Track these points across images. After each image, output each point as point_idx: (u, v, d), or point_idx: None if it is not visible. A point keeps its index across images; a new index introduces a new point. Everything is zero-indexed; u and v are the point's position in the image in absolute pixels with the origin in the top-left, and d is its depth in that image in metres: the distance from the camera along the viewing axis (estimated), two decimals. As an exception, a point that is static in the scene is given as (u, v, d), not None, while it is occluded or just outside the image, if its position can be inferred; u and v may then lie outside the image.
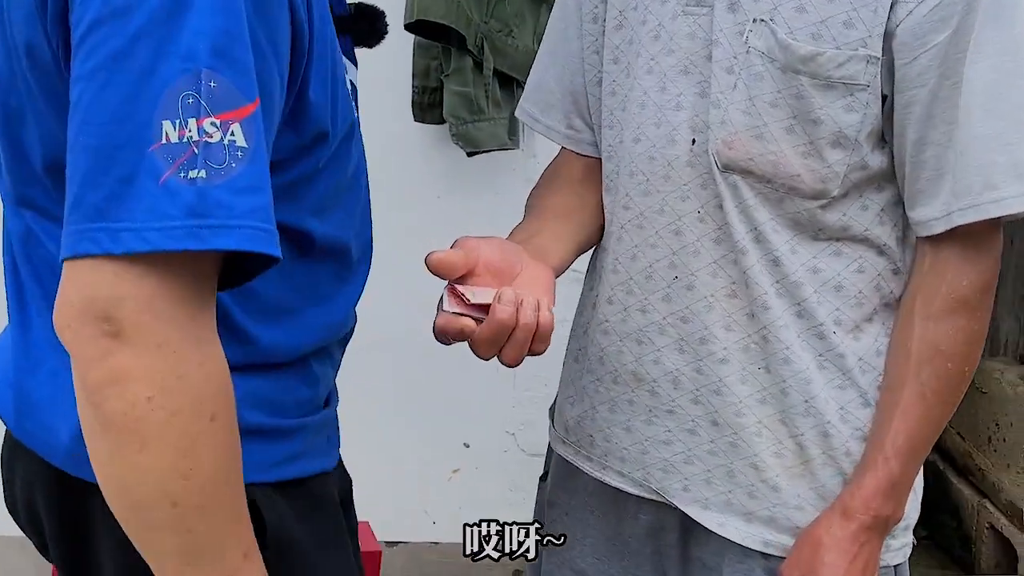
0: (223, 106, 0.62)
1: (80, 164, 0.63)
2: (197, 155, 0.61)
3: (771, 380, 1.01)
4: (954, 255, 0.97)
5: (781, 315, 1.00)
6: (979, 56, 0.90)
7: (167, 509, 0.65)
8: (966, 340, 0.99)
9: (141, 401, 0.62)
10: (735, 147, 0.97)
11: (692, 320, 1.03)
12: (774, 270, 1.00)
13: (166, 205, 0.61)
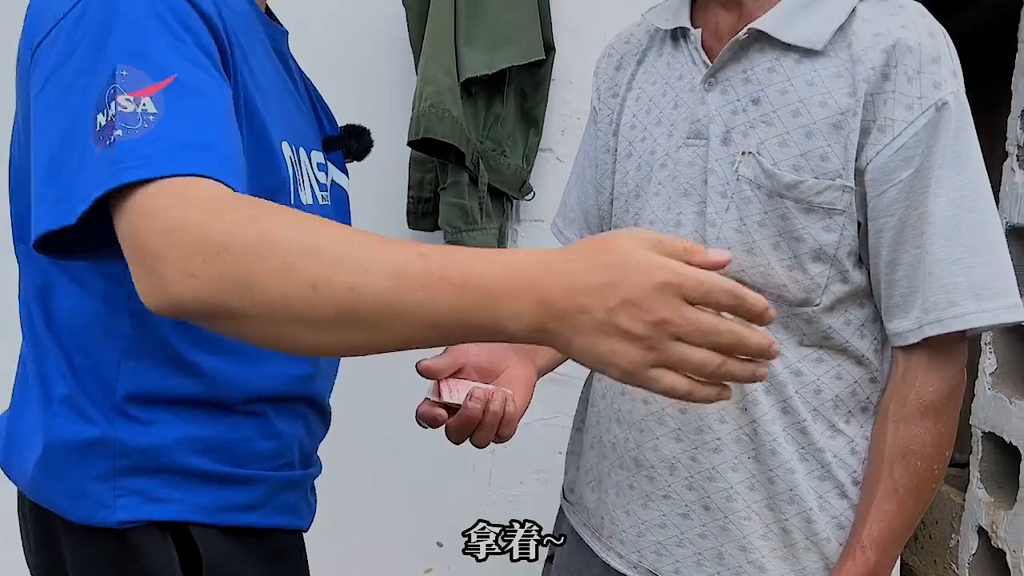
0: (133, 86, 0.74)
1: (40, 174, 0.76)
2: (115, 123, 0.73)
3: (759, 469, 1.08)
4: (923, 364, 1.06)
5: (768, 410, 1.08)
6: (940, 191, 1.00)
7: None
8: (934, 441, 1.06)
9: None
10: (730, 261, 1.07)
11: (689, 412, 1.10)
12: None
13: (96, 167, 0.72)
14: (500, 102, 1.96)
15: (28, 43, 0.84)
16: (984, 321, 1.01)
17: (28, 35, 0.85)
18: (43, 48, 0.81)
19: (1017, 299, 1.02)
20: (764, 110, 1.05)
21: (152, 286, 0.68)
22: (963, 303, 1.01)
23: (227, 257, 0.66)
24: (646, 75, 1.20)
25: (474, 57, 1.88)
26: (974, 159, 1.02)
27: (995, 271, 1.01)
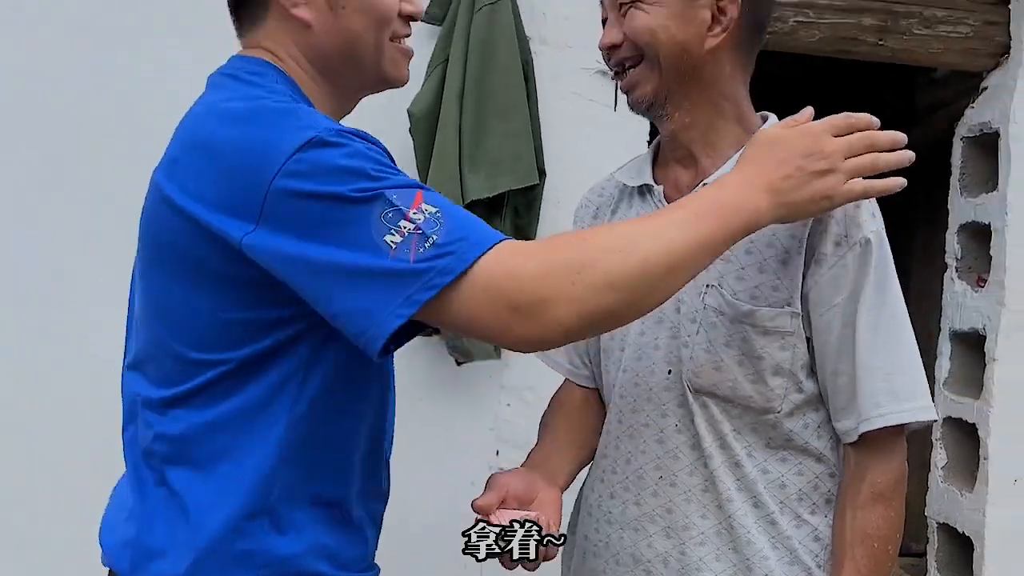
0: (409, 202, 0.91)
1: (347, 302, 0.91)
2: (421, 230, 0.90)
3: (739, 558, 1.23)
4: (871, 457, 1.21)
5: (741, 506, 1.22)
6: (866, 314, 1.17)
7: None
8: (887, 525, 1.20)
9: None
10: (702, 376, 1.23)
11: (675, 511, 1.25)
12: (735, 470, 1.23)
13: (431, 262, 0.89)
14: (498, 220, 2.17)
15: (248, 179, 0.94)
16: (903, 419, 1.18)
17: (244, 169, 0.94)
18: (284, 189, 0.92)
19: (929, 401, 1.20)
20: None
21: (541, 327, 0.91)
22: (886, 405, 1.17)
23: (584, 274, 0.92)
24: (619, 221, 1.38)
25: (477, 182, 2.10)
26: (892, 286, 1.19)
27: (910, 378, 1.19)
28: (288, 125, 0.94)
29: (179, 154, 1.01)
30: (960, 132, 2.63)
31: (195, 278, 1.00)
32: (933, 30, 2.46)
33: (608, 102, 2.30)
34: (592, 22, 2.24)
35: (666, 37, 1.19)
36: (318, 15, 1.07)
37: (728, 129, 1.25)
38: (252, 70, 1.07)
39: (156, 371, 1.05)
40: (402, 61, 1.13)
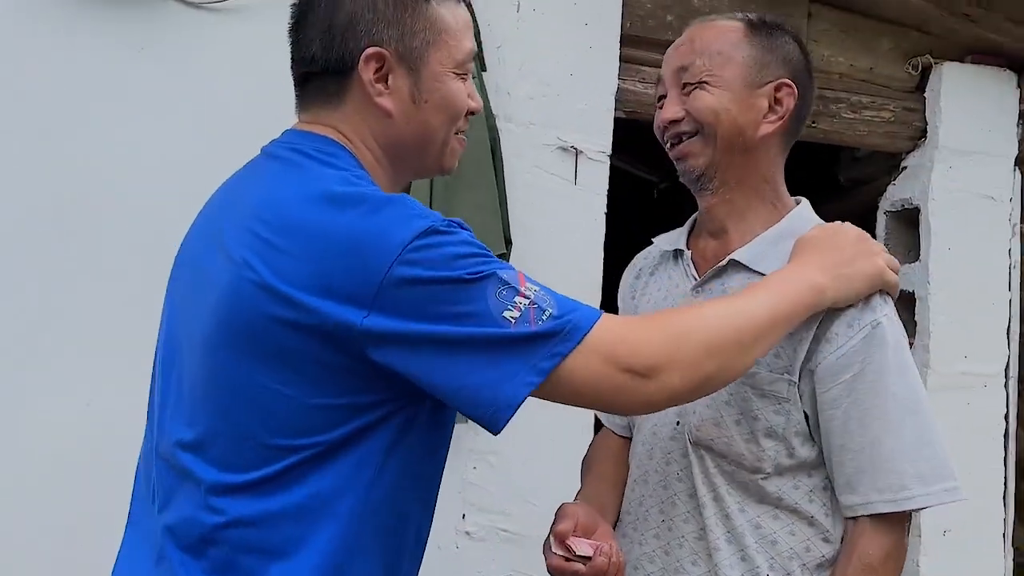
0: (517, 281, 0.99)
1: (473, 377, 0.96)
2: (537, 305, 0.98)
3: None
4: (867, 531, 1.24)
5: (728, 557, 1.28)
6: (889, 396, 1.21)
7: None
8: None
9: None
10: (702, 430, 1.30)
11: (671, 553, 1.33)
12: (726, 522, 1.29)
13: (551, 332, 0.97)
14: (467, 288, 2.24)
15: (362, 273, 0.96)
16: (930, 502, 1.22)
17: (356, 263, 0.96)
18: (401, 276, 0.95)
19: (955, 482, 1.23)
20: None
21: (651, 390, 1.01)
22: (912, 487, 1.21)
23: (687, 341, 1.03)
24: (655, 283, 1.48)
25: (448, 251, 2.17)
26: (911, 367, 1.25)
27: (936, 461, 1.22)
28: (399, 213, 0.98)
29: (272, 236, 0.99)
30: (883, 206, 2.85)
31: (284, 363, 0.99)
32: (860, 115, 2.69)
33: (568, 177, 2.43)
34: (553, 102, 2.42)
35: (727, 118, 1.29)
36: (401, 106, 1.10)
37: (762, 209, 1.34)
38: (326, 150, 1.08)
39: (224, 455, 1.02)
40: (459, 152, 1.19)
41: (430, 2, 1.10)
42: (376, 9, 1.08)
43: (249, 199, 1.07)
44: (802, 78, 1.34)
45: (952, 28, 2.67)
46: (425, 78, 1.10)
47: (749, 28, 1.34)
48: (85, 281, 2.13)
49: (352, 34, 1.08)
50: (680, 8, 2.57)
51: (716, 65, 1.30)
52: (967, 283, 2.65)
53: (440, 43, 1.10)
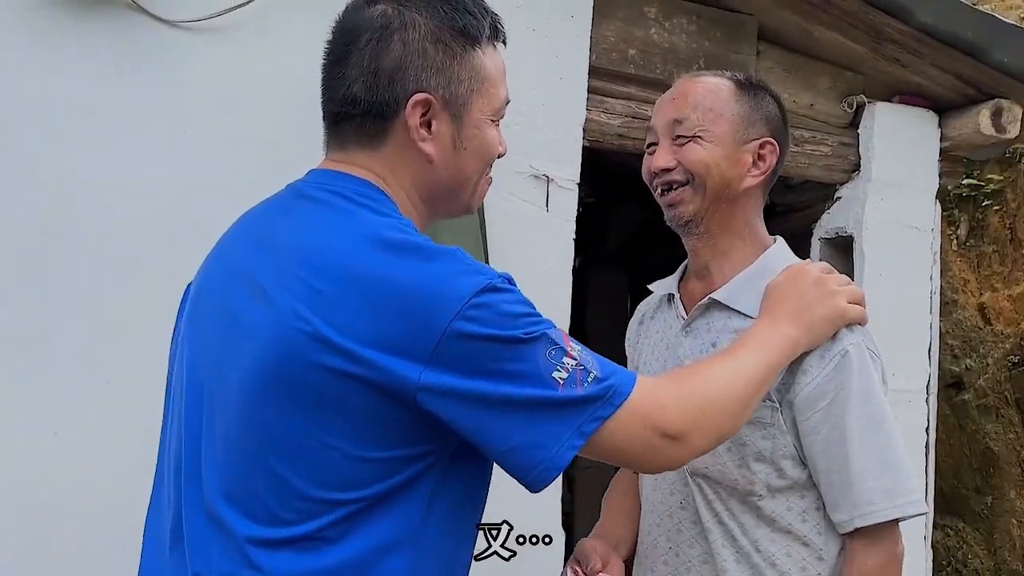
0: (563, 341, 1.02)
1: (520, 437, 0.99)
2: (584, 367, 1.02)
3: None
4: (861, 545, 1.34)
5: None
6: (853, 419, 1.31)
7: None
8: None
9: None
10: (697, 460, 1.37)
11: None
12: (732, 544, 1.38)
13: (595, 395, 1.01)
14: (448, 313, 2.28)
15: (426, 328, 0.96)
16: (895, 514, 1.31)
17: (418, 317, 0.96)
18: (460, 332, 0.96)
19: (918, 496, 1.34)
20: (719, 350, 1.37)
21: (682, 452, 1.09)
22: (879, 502, 1.31)
23: (711, 408, 1.12)
24: (654, 325, 1.60)
25: (432, 277, 2.21)
26: (876, 392, 1.34)
27: (900, 476, 1.33)
28: (457, 268, 0.99)
29: (322, 285, 0.97)
30: (818, 233, 3.05)
31: (334, 415, 0.98)
32: (801, 148, 2.87)
33: (540, 204, 2.50)
34: (526, 131, 2.48)
35: (717, 172, 1.40)
36: (442, 152, 1.11)
37: (742, 250, 1.46)
38: (366, 193, 1.08)
39: (264, 508, 1.00)
40: (485, 192, 1.23)
41: (476, 50, 1.12)
42: (426, 55, 1.08)
43: (288, 242, 1.04)
44: (781, 136, 1.47)
45: (884, 70, 2.88)
46: (467, 125, 1.12)
47: (737, 87, 1.45)
48: (54, 307, 2.07)
49: (400, 78, 1.07)
50: (640, 43, 2.68)
51: (709, 121, 1.40)
52: (895, 307, 2.87)
53: (483, 91, 1.12)
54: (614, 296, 4.72)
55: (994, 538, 3.99)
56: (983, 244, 4.28)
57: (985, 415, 4.08)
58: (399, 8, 1.09)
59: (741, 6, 2.76)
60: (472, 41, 1.11)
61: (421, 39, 1.08)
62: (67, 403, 2.07)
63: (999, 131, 2.85)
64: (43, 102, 2.08)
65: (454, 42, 1.10)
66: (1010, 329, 4.07)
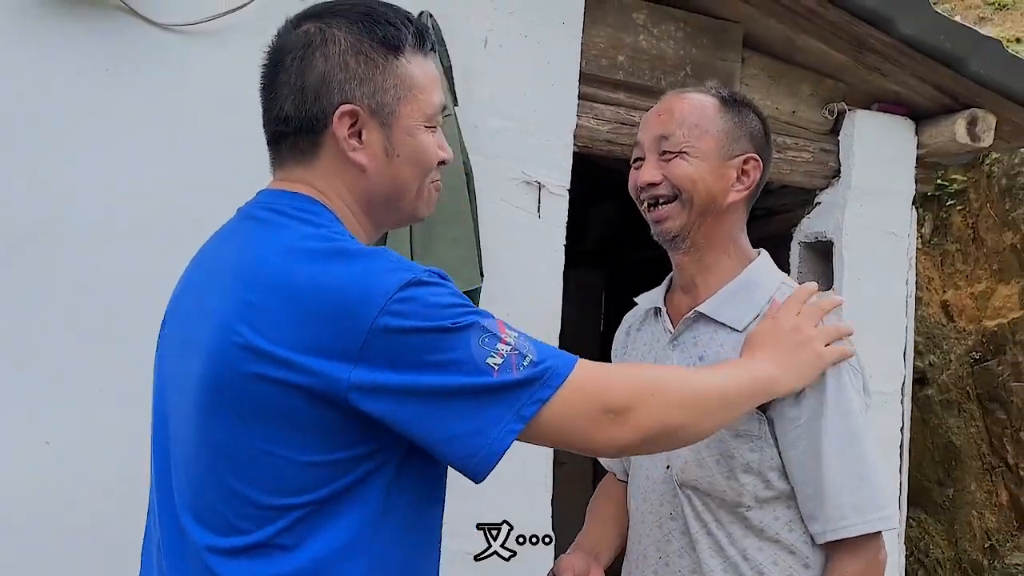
0: (498, 328, 1.03)
1: (458, 426, 0.98)
2: (519, 352, 1.02)
3: None
4: (843, 554, 1.38)
5: None
6: (830, 435, 1.34)
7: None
8: None
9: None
10: (687, 471, 1.44)
11: None
12: (720, 554, 1.41)
13: (532, 378, 1.01)
14: (442, 320, 2.30)
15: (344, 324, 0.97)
16: (866, 529, 1.34)
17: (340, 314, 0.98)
18: (386, 327, 0.97)
19: (889, 512, 1.36)
20: (706, 364, 1.42)
21: (627, 430, 1.06)
22: (851, 516, 1.34)
23: (660, 390, 1.11)
24: (641, 338, 1.61)
25: (428, 284, 2.22)
26: (853, 409, 1.37)
27: (871, 491, 1.35)
28: (380, 266, 1.01)
29: (253, 296, 1.01)
30: (797, 237, 3.11)
31: (274, 422, 1.00)
32: (784, 155, 2.93)
33: (531, 210, 2.52)
34: (517, 137, 2.49)
35: (703, 187, 1.42)
36: (374, 160, 1.12)
37: (727, 263, 1.48)
38: (304, 208, 1.10)
39: (221, 517, 1.03)
40: (434, 199, 1.22)
41: (400, 59, 1.13)
42: (348, 68, 1.10)
43: (229, 261, 1.08)
44: (764, 152, 1.50)
45: (865, 79, 2.94)
46: (397, 132, 1.13)
47: (722, 104, 1.47)
48: (46, 313, 2.05)
49: (325, 93, 1.10)
50: (629, 50, 2.71)
51: (694, 137, 1.43)
52: (872, 311, 2.94)
53: (411, 98, 1.13)
54: (589, 294, 4.78)
55: (955, 529, 4.11)
56: (947, 243, 4.36)
57: (948, 410, 4.18)
58: (320, 26, 1.12)
59: (728, 13, 2.80)
60: (394, 50, 1.12)
61: (342, 52, 1.10)
62: (59, 412, 2.04)
63: (974, 140, 2.93)
64: (39, 104, 2.05)
65: (375, 52, 1.11)
66: (972, 326, 4.17)
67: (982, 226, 4.13)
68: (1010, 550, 3.84)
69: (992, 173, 4.06)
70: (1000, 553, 3.87)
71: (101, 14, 2.09)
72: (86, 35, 2.08)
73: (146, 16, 2.12)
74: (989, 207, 4.08)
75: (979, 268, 4.17)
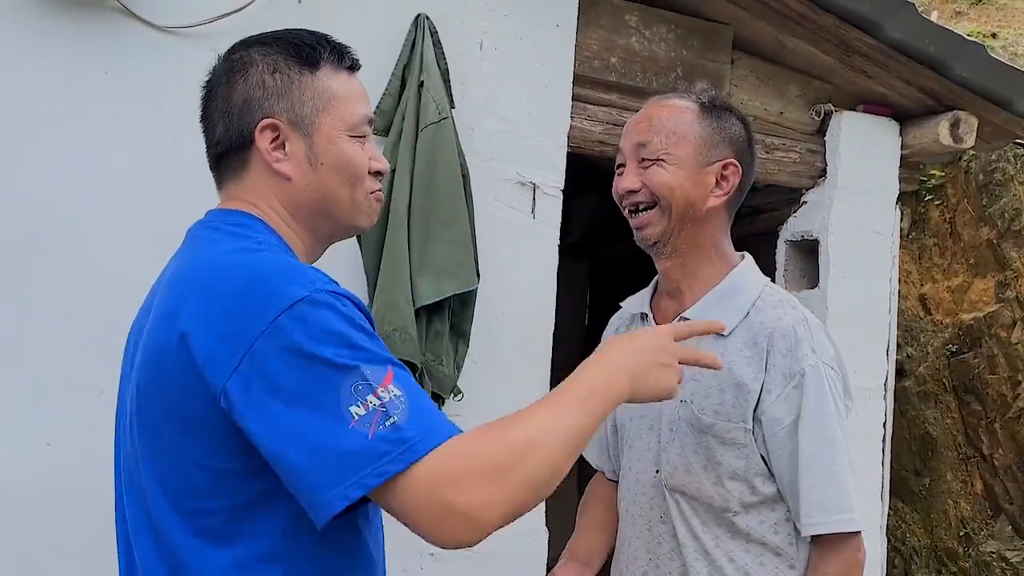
0: (378, 380, 0.96)
1: (301, 465, 0.94)
2: (386, 410, 0.95)
3: None
4: (822, 551, 1.42)
5: None
6: (804, 434, 1.38)
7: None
8: None
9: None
10: (675, 477, 1.48)
11: None
12: (705, 557, 1.44)
13: (386, 445, 0.94)
14: (439, 320, 2.33)
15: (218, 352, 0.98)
16: (830, 529, 1.38)
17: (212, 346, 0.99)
18: (270, 343, 0.96)
19: (851, 515, 1.38)
20: (694, 371, 1.41)
21: (469, 530, 0.95)
22: (816, 516, 1.39)
23: (510, 478, 0.97)
24: None
25: (425, 286, 2.25)
26: (829, 412, 1.39)
27: (837, 493, 1.38)
28: (283, 280, 1.01)
29: (174, 306, 1.06)
30: (784, 236, 3.17)
31: (182, 423, 1.03)
32: (771, 155, 2.97)
33: (526, 210, 2.55)
34: (512, 138, 2.52)
35: (680, 193, 1.45)
36: (298, 170, 1.16)
37: (710, 269, 1.51)
38: (235, 222, 1.15)
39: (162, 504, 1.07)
40: (375, 210, 1.25)
41: (316, 73, 1.18)
42: (265, 86, 1.16)
43: (164, 281, 1.15)
44: (745, 156, 1.52)
45: (851, 80, 3.00)
46: (318, 141, 1.17)
47: (701, 110, 1.50)
48: (44, 317, 2.06)
49: (247, 111, 1.16)
50: (622, 51, 2.74)
51: (671, 144, 1.46)
52: (857, 309, 3.01)
53: (330, 108, 1.18)
54: (574, 287, 4.81)
55: (931, 517, 4.18)
56: (924, 237, 4.41)
57: (925, 401, 4.25)
58: (241, 53, 1.19)
59: (718, 16, 2.84)
60: (309, 66, 1.18)
61: (260, 73, 1.17)
62: (59, 414, 2.07)
63: (956, 141, 2.99)
64: (38, 105, 2.06)
65: (291, 70, 1.17)
66: (949, 319, 4.22)
67: (959, 221, 4.19)
68: (984, 538, 3.91)
69: (969, 169, 4.11)
70: (975, 541, 3.95)
71: (100, 16, 2.10)
72: (85, 36, 2.09)
73: (144, 18, 2.13)
74: (966, 202, 4.13)
75: (956, 262, 4.23)
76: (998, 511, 3.88)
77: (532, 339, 2.58)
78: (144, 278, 2.01)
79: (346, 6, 2.36)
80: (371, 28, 2.36)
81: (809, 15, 2.74)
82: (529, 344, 2.58)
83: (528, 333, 2.58)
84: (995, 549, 3.84)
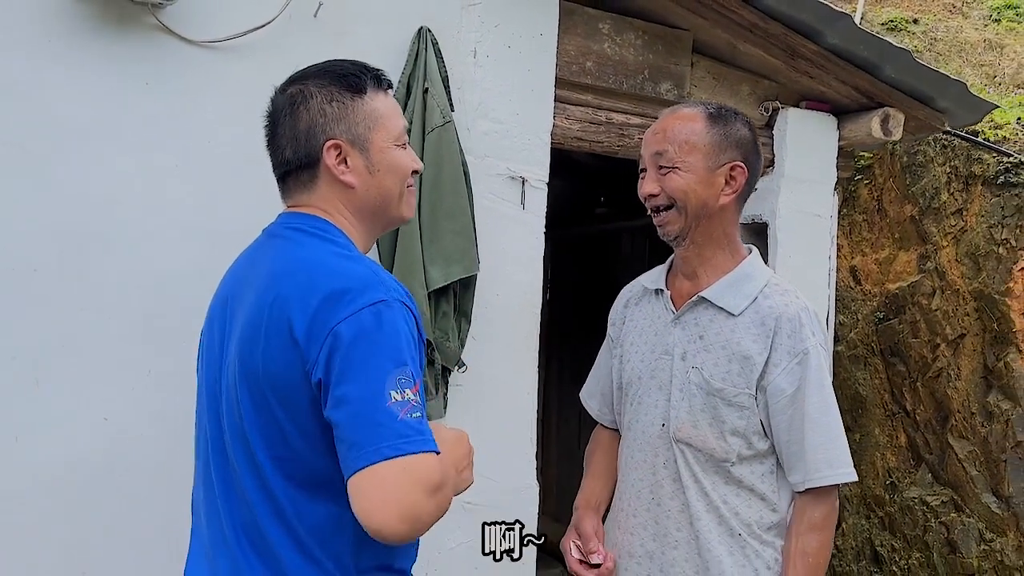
0: (413, 383, 1.19)
1: (344, 424, 1.18)
2: (411, 405, 1.17)
3: (701, 561, 1.63)
4: (810, 500, 1.60)
5: (707, 523, 1.63)
6: (811, 404, 1.55)
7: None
8: (819, 547, 1.59)
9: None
10: (682, 431, 1.64)
11: (660, 523, 1.68)
12: (704, 498, 1.63)
13: (409, 430, 1.15)
14: (446, 301, 2.59)
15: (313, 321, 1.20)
16: (835, 480, 1.56)
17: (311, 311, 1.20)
18: (344, 331, 1.17)
19: (851, 468, 1.58)
20: (706, 343, 1.63)
21: (409, 526, 1.14)
22: (823, 470, 1.57)
23: (441, 497, 1.19)
24: (640, 311, 1.82)
25: (434, 272, 2.50)
26: (827, 384, 1.59)
27: (838, 451, 1.58)
28: (370, 284, 1.23)
29: (290, 292, 1.26)
30: (736, 219, 3.48)
31: (284, 391, 1.24)
32: (727, 147, 3.28)
33: (516, 201, 2.81)
34: (503, 137, 2.78)
35: (694, 195, 1.61)
36: (359, 179, 1.38)
37: (723, 257, 1.69)
38: (315, 225, 1.36)
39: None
40: (413, 201, 1.48)
41: (364, 98, 1.39)
42: (326, 114, 1.37)
43: (263, 271, 1.33)
44: (751, 157, 1.67)
45: (795, 80, 3.31)
46: (373, 153, 1.39)
47: (709, 119, 1.65)
48: (99, 310, 2.22)
49: (313, 135, 1.37)
50: (596, 56, 3.01)
51: (684, 152, 1.61)
52: (801, 283, 3.33)
53: (379, 126, 1.39)
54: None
55: (861, 469, 4.34)
56: (854, 213, 4.59)
57: (855, 364, 4.47)
58: (299, 87, 1.39)
59: (681, 23, 3.12)
60: (358, 92, 1.39)
61: (319, 103, 1.36)
62: (115, 393, 2.23)
63: (886, 134, 3.34)
64: (86, 117, 2.19)
65: (344, 97, 1.37)
66: (876, 289, 4.42)
67: (885, 199, 4.41)
68: (907, 485, 4.12)
69: (895, 151, 4.31)
70: (899, 488, 4.17)
71: (140, 33, 2.25)
72: (127, 52, 2.24)
73: (180, 34, 2.29)
74: (892, 182, 4.36)
75: (883, 236, 4.42)
76: (919, 461, 4.09)
77: (522, 315, 2.82)
78: (184, 275, 2.19)
79: (356, 20, 2.54)
80: (379, 40, 2.55)
81: (759, 24, 3.02)
82: (520, 320, 2.82)
83: (518, 310, 2.82)
84: (917, 495, 4.04)
